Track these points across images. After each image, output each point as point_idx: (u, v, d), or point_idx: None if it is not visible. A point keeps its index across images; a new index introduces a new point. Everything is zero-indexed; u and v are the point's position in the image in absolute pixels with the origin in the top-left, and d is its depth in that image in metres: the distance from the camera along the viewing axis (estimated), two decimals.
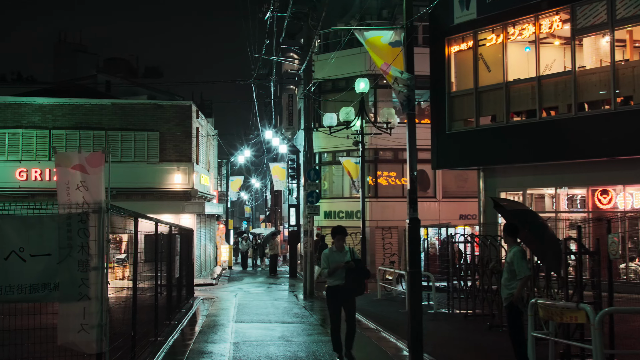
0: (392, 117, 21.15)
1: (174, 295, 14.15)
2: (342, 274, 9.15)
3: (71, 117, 24.29)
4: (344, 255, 9.29)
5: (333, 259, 9.21)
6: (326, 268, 9.20)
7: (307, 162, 20.02)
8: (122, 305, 8.89)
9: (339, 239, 9.33)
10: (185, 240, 16.51)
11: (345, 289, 9.21)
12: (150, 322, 10.82)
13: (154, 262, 10.89)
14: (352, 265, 9.14)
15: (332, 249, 9.39)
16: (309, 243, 19.61)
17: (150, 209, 23.96)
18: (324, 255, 9.36)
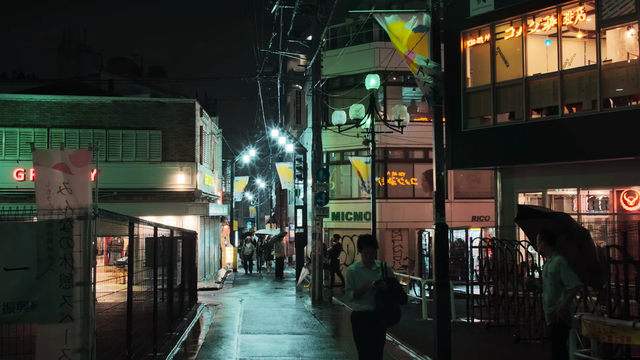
0: (404, 115, 20.24)
1: (175, 303, 13.27)
2: (371, 297, 7.22)
3: (70, 116, 23.47)
4: (374, 272, 7.36)
5: (360, 277, 7.31)
6: (351, 289, 7.36)
7: (315, 161, 19.12)
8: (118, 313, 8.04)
9: (366, 253, 7.41)
10: (188, 244, 15.64)
11: (375, 316, 7.29)
12: (149, 335, 9.95)
13: (153, 269, 10.01)
14: (384, 286, 7.10)
15: (359, 265, 7.47)
16: (317, 246, 18.71)
17: (152, 211, 23.20)
18: (349, 273, 7.49)
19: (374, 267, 7.40)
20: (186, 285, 15.40)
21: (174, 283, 12.76)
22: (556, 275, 7.08)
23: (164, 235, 11.73)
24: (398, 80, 26.87)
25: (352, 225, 26.37)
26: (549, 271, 7.21)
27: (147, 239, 10.07)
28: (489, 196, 26.31)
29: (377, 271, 7.36)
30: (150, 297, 10.13)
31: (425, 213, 25.78)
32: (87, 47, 65.45)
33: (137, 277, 11.05)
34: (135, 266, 11.06)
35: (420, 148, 26.13)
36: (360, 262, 7.50)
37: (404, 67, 25.40)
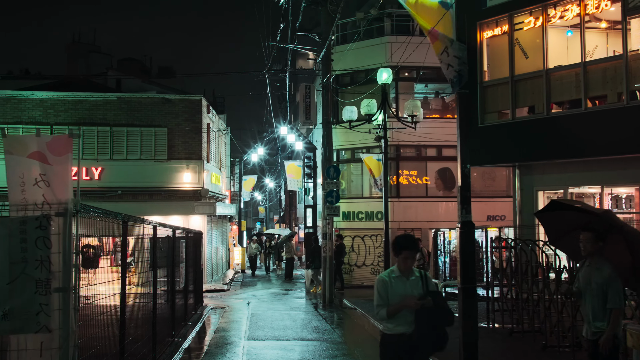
0: (417, 110, 19.47)
1: (178, 306, 12.57)
2: (409, 316, 5.48)
3: (74, 113, 22.86)
4: (412, 284, 5.60)
5: (395, 290, 5.54)
6: (383, 305, 5.55)
7: (325, 158, 18.40)
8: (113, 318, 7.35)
9: (406, 258, 5.60)
10: (193, 244, 14.94)
11: (414, 342, 5.53)
12: (147, 342, 9.25)
13: (152, 270, 9.31)
14: (429, 303, 5.43)
15: (394, 274, 5.64)
16: (328, 246, 17.97)
17: (158, 210, 22.55)
18: (381, 284, 5.63)
19: (412, 277, 5.63)
20: (190, 287, 14.71)
21: (176, 285, 12.06)
22: (603, 286, 6.12)
23: (165, 235, 11.04)
24: (410, 75, 26.08)
25: (363, 225, 25.61)
26: (596, 280, 6.17)
27: (147, 239, 9.34)
28: (504, 195, 25.50)
29: (417, 282, 5.60)
30: (149, 300, 9.42)
31: (439, 213, 25.01)
32: (96, 48, 65.03)
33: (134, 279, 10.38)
34: (138, 267, 10.39)
35: (433, 145, 25.34)
36: (394, 269, 5.68)
37: (416, 62, 24.74)
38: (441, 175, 25.57)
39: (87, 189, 22.33)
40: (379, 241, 25.05)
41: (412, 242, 5.80)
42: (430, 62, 23.38)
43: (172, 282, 11.43)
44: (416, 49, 21.36)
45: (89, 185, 22.36)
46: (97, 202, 21.90)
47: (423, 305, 5.41)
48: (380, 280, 5.68)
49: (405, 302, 5.47)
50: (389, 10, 25.86)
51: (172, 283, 11.43)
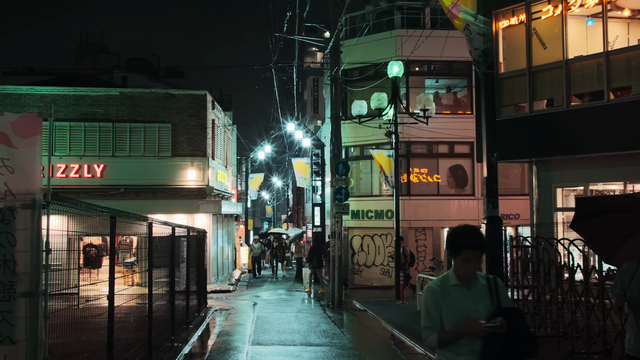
0: (430, 104, 18.77)
1: (179, 309, 11.88)
2: (474, 343, 3.84)
3: (76, 108, 22.25)
4: (477, 295, 3.98)
5: (453, 305, 3.94)
6: (434, 328, 3.95)
7: (334, 154, 17.68)
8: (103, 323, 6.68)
9: (468, 260, 3.92)
10: (196, 244, 14.26)
11: None
12: (143, 347, 8.57)
13: (148, 271, 8.64)
14: (501, 328, 3.72)
15: (449, 281, 4.01)
16: (337, 245, 17.26)
17: (161, 209, 21.88)
18: (431, 294, 4.01)
19: (476, 286, 3.98)
20: (193, 288, 14.03)
21: (176, 286, 11.37)
22: None
23: (164, 233, 10.36)
24: (421, 70, 25.32)
25: (372, 224, 24.87)
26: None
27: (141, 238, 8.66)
28: (518, 193, 24.73)
29: (482, 293, 3.96)
30: (145, 302, 8.73)
31: (451, 211, 24.24)
32: (104, 48, 64.65)
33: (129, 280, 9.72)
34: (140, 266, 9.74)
35: (445, 142, 24.57)
36: (450, 275, 4.02)
37: (428, 56, 24.03)
38: (453, 172, 24.79)
39: (89, 186, 21.74)
40: (389, 240, 24.32)
41: (477, 237, 3.99)
42: (442, 55, 22.72)
43: (171, 283, 10.74)
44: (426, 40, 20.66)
45: (91, 183, 21.76)
46: (100, 200, 21.25)
47: (494, 331, 3.71)
48: (429, 292, 4.00)
49: (468, 325, 3.79)
50: (399, 3, 25.12)
51: (171, 284, 10.74)
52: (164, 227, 10.13)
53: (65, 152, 21.93)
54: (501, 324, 3.69)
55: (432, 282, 4.09)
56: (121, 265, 23.54)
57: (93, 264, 22.84)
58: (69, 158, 21.76)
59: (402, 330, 12.40)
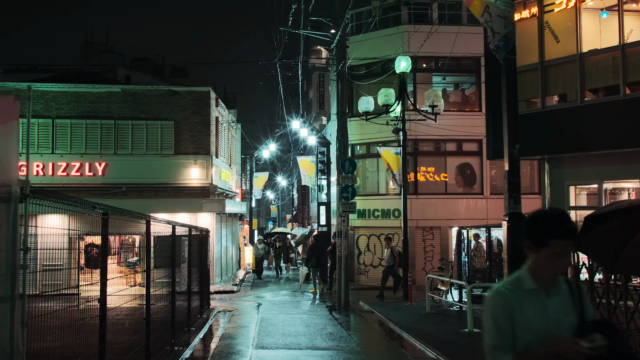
0: (439, 100, 18.30)
1: (180, 311, 11.44)
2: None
3: (77, 105, 21.85)
4: (558, 305, 3.05)
5: (531, 316, 2.99)
6: (506, 348, 2.96)
7: (340, 152, 17.23)
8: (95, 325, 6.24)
9: (559, 252, 2.98)
10: (198, 243, 13.82)
11: None
12: (141, 351, 8.13)
13: (146, 272, 8.20)
14: (600, 350, 2.78)
15: (522, 283, 3.07)
16: (343, 245, 16.81)
17: (164, 207, 21.46)
18: (497, 303, 3.04)
19: (559, 290, 3.09)
20: (195, 289, 13.59)
21: (177, 287, 10.94)
22: None
23: (163, 232, 9.93)
24: (428, 66, 24.84)
25: (379, 223, 24.40)
26: None
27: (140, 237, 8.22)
28: (527, 192, 24.19)
29: (564, 300, 3.07)
30: (142, 303, 8.30)
31: (459, 210, 23.76)
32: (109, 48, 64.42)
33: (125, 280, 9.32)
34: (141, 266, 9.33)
35: (452, 140, 24.10)
36: (523, 276, 3.10)
37: (435, 52, 23.56)
38: (461, 171, 24.31)
39: (91, 185, 21.35)
40: (396, 240, 23.86)
41: (570, 223, 3.03)
42: (450, 52, 22.26)
43: (172, 284, 10.31)
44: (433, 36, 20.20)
45: (92, 181, 21.37)
46: (101, 198, 20.84)
47: (596, 354, 2.79)
48: (499, 297, 3.05)
49: (560, 346, 2.86)
50: None
51: (172, 285, 10.30)
52: (164, 226, 9.69)
53: (66, 150, 21.54)
54: (599, 344, 2.79)
55: (501, 284, 3.14)
56: (123, 265, 23.21)
57: (95, 263, 22.48)
58: (70, 156, 21.36)
59: (412, 332, 11.93)
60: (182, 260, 11.04)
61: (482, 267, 17.93)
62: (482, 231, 17.91)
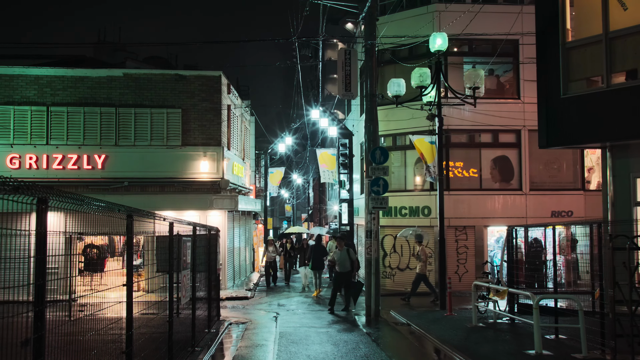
0: (480, 81, 16.05)
1: (181, 327, 9.30)
2: None
3: (74, 91, 19.80)
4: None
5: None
6: None
7: (370, 139, 15.00)
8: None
9: None
10: (205, 244, 11.66)
11: None
12: None
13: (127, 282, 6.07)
14: None
15: None
16: (373, 247, 14.59)
17: (170, 204, 19.37)
18: None
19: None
20: (202, 299, 11.44)
21: (177, 298, 8.78)
22: None
23: (159, 232, 7.79)
24: (460, 50, 22.48)
25: (406, 222, 22.12)
26: None
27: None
28: (571, 187, 21.89)
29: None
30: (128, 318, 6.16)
31: (496, 208, 21.47)
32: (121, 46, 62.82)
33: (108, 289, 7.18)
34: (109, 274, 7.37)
35: (488, 130, 21.80)
36: None
37: (468, 34, 21.25)
38: (497, 164, 22.00)
39: (89, 179, 19.32)
40: (426, 241, 21.63)
41: None
42: (484, 33, 20.02)
43: (169, 295, 8.15)
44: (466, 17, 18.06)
45: (91, 175, 19.32)
46: (101, 194, 18.82)
47: None
48: None
49: None
50: None
51: (169, 296, 8.15)
52: (157, 223, 7.53)
53: (62, 140, 19.50)
54: None
55: None
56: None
57: (95, 267, 20.41)
58: (66, 147, 19.32)
59: (465, 354, 9.73)
60: (184, 265, 8.87)
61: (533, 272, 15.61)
62: (538, 231, 15.58)
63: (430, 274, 21.38)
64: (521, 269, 16.20)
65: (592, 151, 22.81)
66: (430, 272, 21.37)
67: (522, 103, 21.66)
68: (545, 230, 16.05)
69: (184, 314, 9.57)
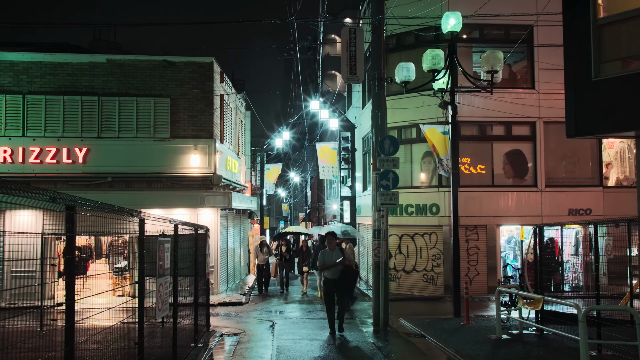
0: (498, 64, 14.48)
1: (159, 346, 7.71)
2: None
3: (53, 79, 18.20)
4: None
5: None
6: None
7: (377, 127, 13.41)
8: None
9: None
10: (190, 246, 10.06)
11: None
12: None
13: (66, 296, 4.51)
14: None
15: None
16: (382, 248, 13.00)
17: (158, 202, 17.80)
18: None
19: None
20: (185, 309, 9.84)
21: (153, 310, 7.20)
22: None
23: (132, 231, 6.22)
24: (470, 36, 20.89)
25: (412, 221, 20.57)
26: None
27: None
28: (589, 184, 20.36)
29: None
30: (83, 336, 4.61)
31: (509, 205, 19.93)
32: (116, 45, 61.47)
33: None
34: None
35: (500, 122, 20.26)
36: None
37: (478, 18, 19.76)
38: (510, 158, 20.46)
39: (69, 175, 17.73)
40: (434, 241, 20.09)
41: None
42: (496, 18, 18.49)
43: (140, 309, 6.57)
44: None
45: (71, 170, 17.72)
46: (82, 191, 17.24)
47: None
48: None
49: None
50: None
51: (139, 310, 6.57)
52: (124, 220, 5.96)
53: (39, 132, 17.90)
54: None
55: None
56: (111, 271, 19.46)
57: (77, 270, 18.79)
58: (44, 140, 17.73)
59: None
60: (160, 272, 7.27)
61: None
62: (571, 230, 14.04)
63: (439, 276, 19.85)
64: (555, 273, 14.72)
65: (610, 145, 21.32)
66: (439, 275, 19.85)
67: (537, 93, 20.14)
68: (584, 228, 14.54)
69: (163, 330, 8.00)
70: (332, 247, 12.32)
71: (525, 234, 20.48)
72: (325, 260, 12.13)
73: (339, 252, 12.33)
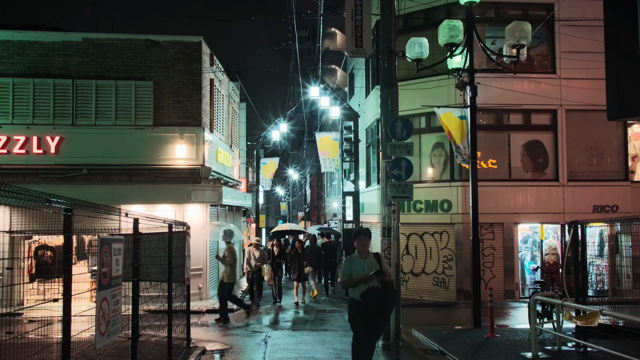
0: (525, 38, 12.60)
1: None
2: None
3: (22, 59, 16.34)
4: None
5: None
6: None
7: (387, 109, 11.53)
8: None
9: None
10: (160, 246, 8.17)
11: None
12: None
13: None
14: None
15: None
16: (393, 248, 11.12)
17: (139, 197, 15.90)
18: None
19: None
20: (158, 319, 7.96)
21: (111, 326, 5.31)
22: None
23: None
24: (485, 16, 18.99)
25: (422, 219, 18.71)
26: None
27: None
28: (615, 178, 18.53)
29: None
30: None
31: (528, 201, 18.09)
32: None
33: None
34: None
35: (518, 110, 18.43)
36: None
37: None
38: (529, 150, 18.61)
39: (40, 166, 15.84)
40: (445, 240, 18.23)
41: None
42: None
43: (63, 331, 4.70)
44: None
45: (42, 161, 15.84)
46: (54, 185, 15.36)
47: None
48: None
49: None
50: None
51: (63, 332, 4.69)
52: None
53: (6, 119, 16.03)
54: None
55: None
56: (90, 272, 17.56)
57: (48, 272, 16.95)
58: (11, 127, 15.86)
59: None
60: (104, 282, 5.38)
61: None
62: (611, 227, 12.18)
63: (451, 279, 18.02)
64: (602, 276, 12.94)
65: (636, 136, 19.51)
66: (451, 278, 18.01)
67: (559, 78, 18.29)
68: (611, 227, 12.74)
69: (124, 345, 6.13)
70: (364, 253, 7.88)
71: (544, 233, 18.66)
72: (351, 273, 7.74)
73: (373, 261, 7.81)
